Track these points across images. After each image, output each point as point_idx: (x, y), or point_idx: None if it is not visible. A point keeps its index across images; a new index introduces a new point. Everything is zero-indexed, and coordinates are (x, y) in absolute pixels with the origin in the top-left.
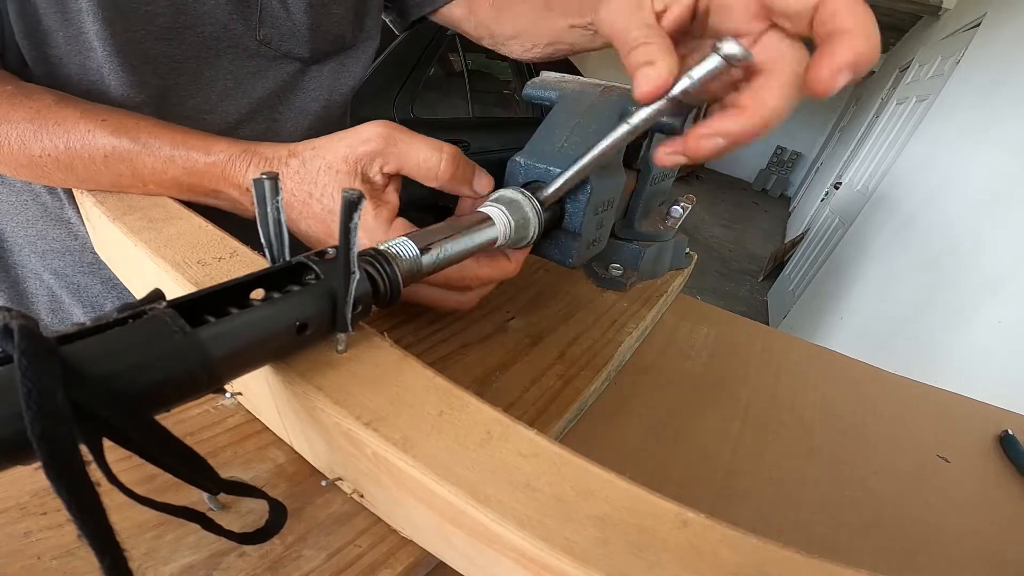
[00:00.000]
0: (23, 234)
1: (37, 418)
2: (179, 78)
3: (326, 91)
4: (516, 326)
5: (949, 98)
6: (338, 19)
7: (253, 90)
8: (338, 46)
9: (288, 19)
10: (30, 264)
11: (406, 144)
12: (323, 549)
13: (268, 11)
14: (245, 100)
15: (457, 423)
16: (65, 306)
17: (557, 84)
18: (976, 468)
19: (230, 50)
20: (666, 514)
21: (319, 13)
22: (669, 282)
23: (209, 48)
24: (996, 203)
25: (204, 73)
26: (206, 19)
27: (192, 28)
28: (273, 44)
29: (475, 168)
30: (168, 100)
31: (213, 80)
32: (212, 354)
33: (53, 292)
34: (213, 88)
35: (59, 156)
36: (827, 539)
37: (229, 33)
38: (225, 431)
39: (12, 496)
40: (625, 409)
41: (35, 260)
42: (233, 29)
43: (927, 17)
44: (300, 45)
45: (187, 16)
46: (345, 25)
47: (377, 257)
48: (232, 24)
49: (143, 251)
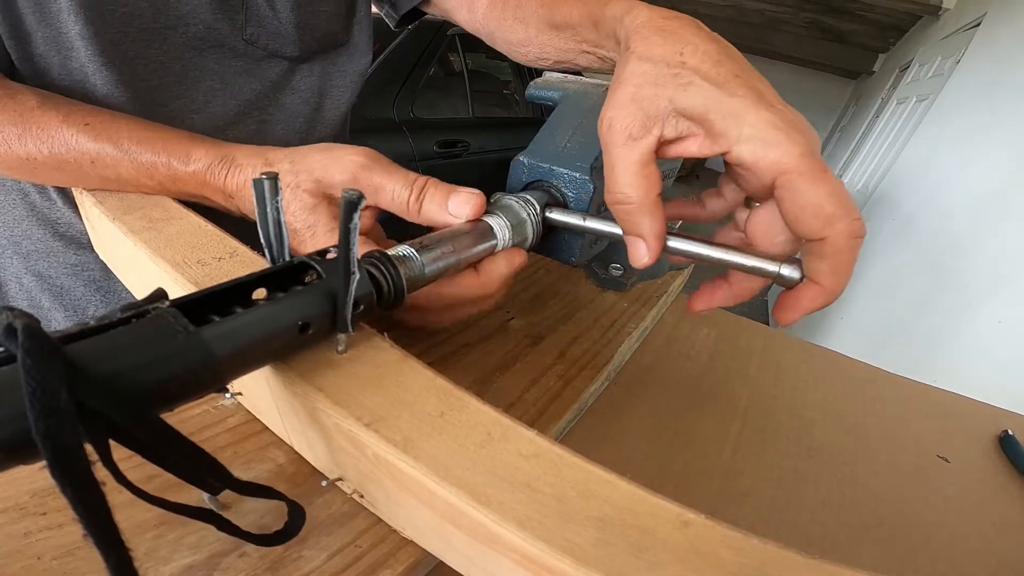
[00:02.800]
0: (7, 235)
1: (41, 417)
2: (164, 78)
3: (317, 91)
4: (516, 326)
5: (949, 98)
6: (327, 16)
7: (240, 91)
8: (328, 44)
9: (274, 17)
10: (11, 267)
11: (381, 177)
12: (323, 549)
13: (254, 10)
14: (233, 101)
15: (457, 424)
16: (45, 311)
17: (560, 84)
18: (976, 468)
19: (215, 50)
20: (667, 515)
21: (306, 11)
22: (669, 282)
23: (193, 48)
24: (996, 203)
25: (189, 74)
26: (189, 19)
27: (174, 28)
28: (260, 43)
29: (449, 193)
30: (154, 100)
31: (198, 80)
32: (215, 353)
33: (33, 296)
34: (199, 88)
35: (45, 160)
36: (827, 539)
37: (214, 33)
38: (225, 431)
39: (11, 496)
40: (625, 409)
41: (17, 262)
42: (218, 29)
43: (927, 17)
44: (288, 44)
45: (168, 17)
46: (335, 22)
47: (382, 259)
48: (217, 24)
49: (143, 251)
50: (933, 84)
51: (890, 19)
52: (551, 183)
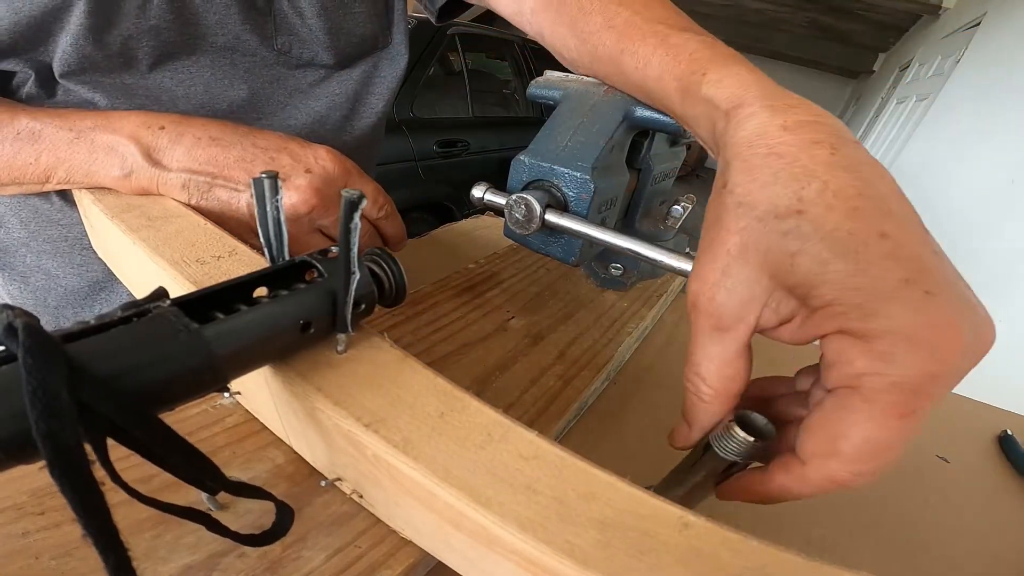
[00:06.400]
0: (27, 232)
1: (42, 417)
2: (191, 88)
3: (351, 99)
4: (516, 326)
5: (949, 97)
6: (363, 18)
7: (268, 102)
8: (368, 48)
9: (303, 24)
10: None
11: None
12: (323, 550)
13: (282, 18)
14: (254, 114)
15: (458, 425)
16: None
17: (561, 83)
18: (976, 468)
19: (245, 59)
20: (667, 517)
21: (336, 15)
22: (669, 282)
23: (223, 59)
24: (996, 202)
25: (216, 83)
26: (217, 29)
27: (204, 38)
28: (293, 53)
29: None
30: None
31: (226, 90)
32: (216, 352)
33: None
34: (223, 99)
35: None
36: (827, 539)
37: (243, 44)
38: (224, 431)
39: (10, 496)
40: (625, 409)
41: (30, 259)
42: (247, 40)
43: (927, 16)
44: (321, 51)
45: (198, 27)
46: (372, 24)
47: (384, 256)
48: (245, 34)
49: (141, 249)
50: (933, 84)
51: (890, 19)
52: (552, 182)
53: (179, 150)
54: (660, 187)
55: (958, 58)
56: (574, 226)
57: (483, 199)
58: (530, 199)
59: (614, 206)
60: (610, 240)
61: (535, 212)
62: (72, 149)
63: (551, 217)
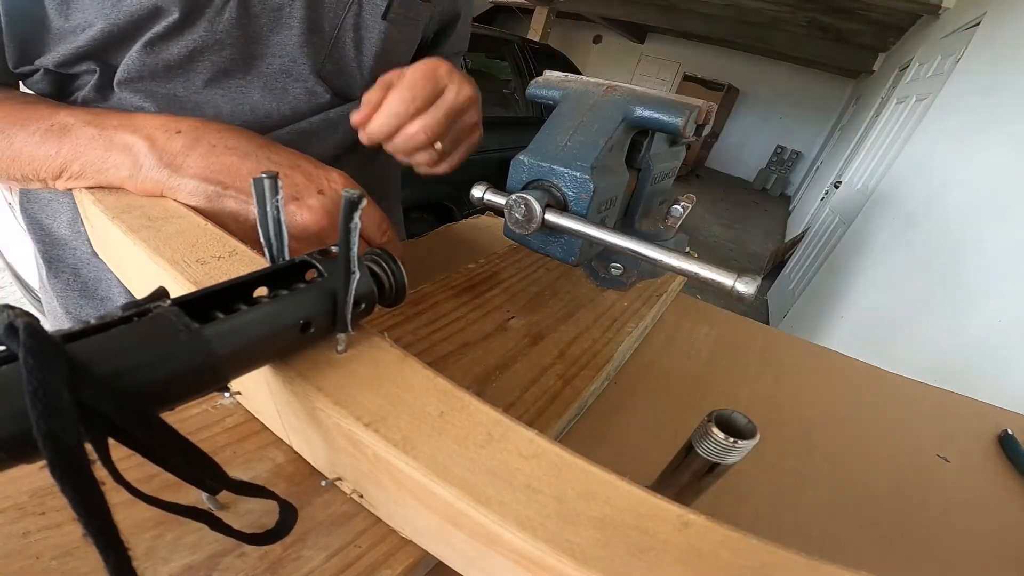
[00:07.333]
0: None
1: (43, 416)
2: (239, 106)
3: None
4: (516, 326)
5: (949, 97)
6: (398, 59)
7: (307, 133)
8: None
9: (355, 59)
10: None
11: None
12: (323, 549)
13: (339, 47)
14: (301, 143)
15: (457, 424)
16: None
17: (561, 83)
18: (976, 468)
19: (297, 84)
20: (667, 516)
21: (384, 61)
22: (669, 281)
23: (276, 83)
24: (996, 202)
25: (263, 106)
26: (276, 51)
27: (262, 59)
28: (330, 80)
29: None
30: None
31: (272, 113)
32: (217, 352)
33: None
34: (268, 123)
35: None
36: (827, 539)
37: (297, 68)
38: (224, 431)
39: (10, 496)
40: (625, 409)
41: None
42: (302, 65)
43: (927, 16)
44: (355, 88)
45: (258, 46)
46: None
47: (384, 256)
48: (301, 59)
49: (142, 250)
50: (933, 83)
51: (890, 18)
52: (551, 182)
53: (193, 156)
54: (660, 187)
55: (958, 58)
56: (574, 226)
57: (483, 199)
58: (530, 199)
59: (614, 206)
60: (610, 240)
61: (535, 212)
62: (91, 145)
63: (551, 217)
